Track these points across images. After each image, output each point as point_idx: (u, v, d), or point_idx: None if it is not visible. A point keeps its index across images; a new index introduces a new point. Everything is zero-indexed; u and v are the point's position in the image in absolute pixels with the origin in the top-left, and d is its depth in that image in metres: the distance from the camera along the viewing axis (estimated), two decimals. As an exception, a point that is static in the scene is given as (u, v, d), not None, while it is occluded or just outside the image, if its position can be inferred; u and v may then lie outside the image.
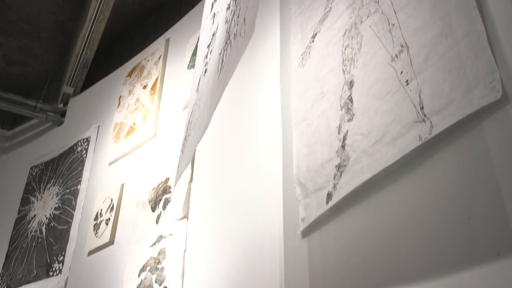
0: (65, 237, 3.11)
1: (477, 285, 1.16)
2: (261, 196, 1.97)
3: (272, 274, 1.77)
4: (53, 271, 3.03)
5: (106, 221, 2.82)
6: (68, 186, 3.37)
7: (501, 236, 1.16)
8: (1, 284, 3.37)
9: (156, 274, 2.28)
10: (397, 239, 1.39)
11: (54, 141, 3.93)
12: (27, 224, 3.54)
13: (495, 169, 1.21)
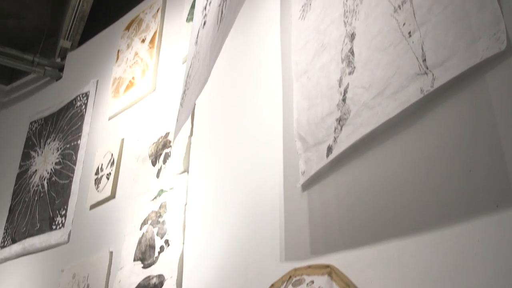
0: (66, 192, 3.13)
1: (476, 236, 1.17)
2: (262, 150, 1.98)
3: (273, 227, 1.79)
4: (56, 225, 3.07)
5: (107, 176, 2.84)
6: (68, 141, 3.38)
7: (500, 189, 1.16)
8: (6, 237, 3.42)
9: (157, 228, 2.31)
10: (397, 192, 1.40)
11: (53, 96, 3.91)
12: (28, 178, 3.56)
13: (497, 122, 1.20)
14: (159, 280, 2.16)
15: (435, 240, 1.26)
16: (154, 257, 2.25)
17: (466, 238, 1.19)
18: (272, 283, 1.66)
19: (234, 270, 1.89)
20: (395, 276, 1.33)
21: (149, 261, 2.27)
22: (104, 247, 2.62)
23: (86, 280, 2.62)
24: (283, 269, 1.67)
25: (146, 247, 2.32)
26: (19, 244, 3.24)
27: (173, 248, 2.18)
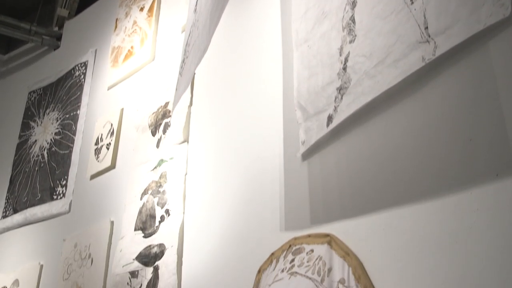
0: (67, 162, 3.14)
1: (476, 205, 1.17)
2: (262, 120, 1.97)
3: (273, 197, 1.79)
4: (56, 195, 3.08)
5: (107, 146, 2.84)
6: (67, 111, 3.36)
7: (500, 157, 1.16)
8: (7, 207, 3.44)
9: (157, 197, 2.32)
10: (397, 161, 1.40)
11: (51, 66, 3.88)
12: (28, 149, 3.56)
13: (498, 90, 1.19)
14: (160, 249, 2.18)
15: (434, 209, 1.27)
16: (155, 227, 2.27)
17: (465, 207, 1.20)
18: (272, 252, 1.67)
19: (234, 240, 1.90)
20: (394, 244, 1.34)
21: (150, 230, 2.28)
22: (105, 217, 2.64)
23: (87, 249, 2.64)
24: (283, 238, 1.68)
25: (147, 216, 2.33)
26: (21, 214, 3.27)
27: (174, 218, 2.19)
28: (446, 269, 1.20)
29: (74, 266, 2.68)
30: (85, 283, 2.55)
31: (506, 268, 1.09)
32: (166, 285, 2.08)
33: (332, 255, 1.45)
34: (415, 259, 1.28)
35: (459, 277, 1.17)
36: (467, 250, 1.17)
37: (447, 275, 1.20)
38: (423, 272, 1.25)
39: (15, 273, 3.06)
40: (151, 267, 2.19)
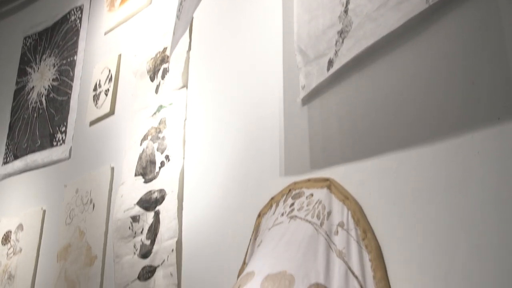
0: (65, 108, 3.12)
1: (477, 148, 1.17)
2: (261, 64, 1.94)
3: (272, 142, 1.79)
4: (56, 141, 3.09)
5: (106, 92, 2.82)
6: (64, 56, 3.32)
7: (503, 101, 1.15)
8: (8, 153, 3.45)
9: (157, 143, 2.32)
10: (398, 105, 1.39)
11: (46, 10, 3.79)
12: (26, 95, 3.53)
13: (504, 33, 1.17)
14: (161, 195, 2.20)
15: (434, 152, 1.27)
16: (155, 172, 2.28)
17: (465, 150, 1.20)
18: (272, 197, 1.69)
19: (234, 184, 1.92)
20: (394, 188, 1.35)
21: (150, 176, 2.30)
22: (105, 163, 2.65)
23: (89, 194, 2.67)
24: (282, 183, 1.69)
25: (147, 162, 2.34)
26: (21, 160, 3.28)
27: (174, 163, 2.20)
28: (445, 212, 1.22)
29: (76, 211, 2.71)
30: (87, 228, 2.60)
31: (506, 210, 1.10)
32: (167, 230, 2.11)
33: (331, 199, 1.46)
34: (414, 203, 1.29)
35: (459, 220, 1.18)
36: (467, 193, 1.18)
37: (446, 219, 1.21)
38: (423, 215, 1.27)
39: (19, 217, 3.11)
40: (152, 212, 2.22)
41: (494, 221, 1.12)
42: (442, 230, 1.21)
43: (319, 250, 1.37)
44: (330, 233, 1.40)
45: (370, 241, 1.34)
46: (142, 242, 2.22)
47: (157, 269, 2.11)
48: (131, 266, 2.23)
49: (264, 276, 1.34)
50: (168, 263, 2.06)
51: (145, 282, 2.15)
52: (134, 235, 2.27)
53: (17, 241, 3.05)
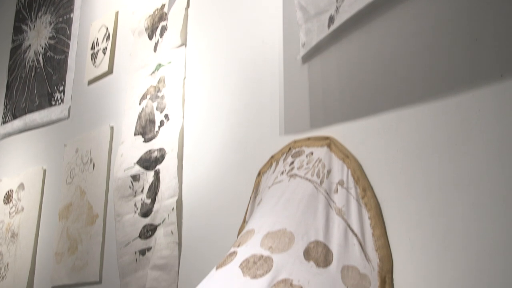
0: (63, 67, 3.09)
1: (478, 106, 1.16)
2: (261, 21, 1.91)
3: (272, 100, 1.78)
4: (55, 101, 3.07)
5: (103, 50, 2.78)
6: (60, 14, 3.26)
7: (506, 58, 1.13)
8: (6, 113, 3.44)
9: (156, 102, 2.31)
10: (399, 62, 1.37)
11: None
12: (23, 54, 3.49)
13: (508, -13, 1.14)
14: (160, 154, 2.20)
15: (435, 110, 1.26)
16: (155, 131, 2.27)
17: (466, 108, 1.19)
18: (272, 155, 1.69)
19: (234, 143, 1.91)
20: (394, 146, 1.35)
21: (150, 135, 2.29)
22: (105, 122, 2.64)
23: (89, 154, 2.67)
24: (282, 141, 1.69)
25: (146, 121, 2.33)
26: (20, 120, 3.27)
27: (173, 122, 2.19)
28: (445, 170, 1.21)
29: (77, 170, 2.72)
30: (88, 187, 2.61)
31: (507, 168, 1.10)
32: (167, 188, 2.12)
33: (331, 158, 1.46)
34: (414, 161, 1.29)
35: (459, 179, 1.18)
36: (467, 151, 1.17)
37: (446, 177, 1.21)
38: (422, 173, 1.27)
39: (20, 177, 3.12)
40: (152, 171, 2.22)
41: (494, 180, 1.12)
42: (441, 188, 1.22)
43: (318, 208, 1.37)
44: (330, 191, 1.40)
45: (369, 199, 1.34)
46: (142, 201, 2.24)
47: (157, 227, 2.13)
48: (132, 225, 2.25)
49: (264, 234, 1.35)
50: (169, 221, 2.07)
51: (146, 240, 2.17)
52: (134, 194, 2.28)
53: (18, 200, 3.08)
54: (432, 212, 1.23)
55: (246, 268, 1.26)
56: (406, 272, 1.26)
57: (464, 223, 1.16)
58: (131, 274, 2.19)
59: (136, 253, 2.20)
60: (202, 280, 1.37)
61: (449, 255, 1.18)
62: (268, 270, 1.23)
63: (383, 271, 1.26)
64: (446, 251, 1.18)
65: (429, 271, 1.21)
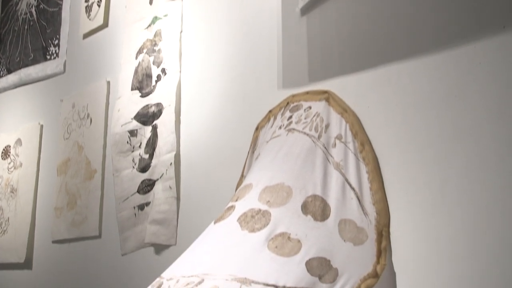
0: (57, 20, 3.03)
1: (479, 58, 1.14)
2: (258, -28, 1.86)
3: (270, 54, 1.75)
4: (50, 55, 3.03)
5: (98, 3, 2.72)
6: (53, -36, 3.18)
7: (508, 9, 1.11)
8: (1, 67, 3.40)
9: (153, 56, 2.28)
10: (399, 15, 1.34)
11: None
12: (15, 6, 3.42)
13: None
14: (158, 109, 2.19)
15: (435, 63, 1.24)
16: (152, 86, 2.25)
17: (467, 61, 1.17)
18: (270, 110, 1.68)
19: (231, 98, 1.90)
20: (393, 100, 1.33)
21: (147, 90, 2.27)
22: (101, 77, 2.61)
23: (86, 109, 2.65)
24: (280, 95, 1.67)
25: (143, 76, 2.31)
26: (15, 74, 3.23)
27: (170, 77, 2.17)
28: (444, 124, 1.21)
29: (74, 126, 2.71)
30: (85, 142, 2.61)
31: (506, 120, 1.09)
32: (165, 143, 2.12)
33: (329, 112, 1.45)
34: (413, 114, 1.28)
35: (457, 132, 1.18)
36: (466, 105, 1.16)
37: (444, 130, 1.20)
38: (421, 127, 1.26)
39: (17, 132, 3.12)
40: (150, 126, 2.21)
41: (493, 133, 1.11)
42: (439, 142, 1.21)
43: (316, 163, 1.37)
44: (328, 145, 1.40)
45: (367, 153, 1.34)
46: (140, 156, 2.24)
47: (156, 182, 2.14)
48: (130, 180, 2.26)
49: (262, 188, 1.35)
50: (167, 176, 2.08)
51: (144, 195, 2.18)
52: (132, 149, 2.28)
53: (16, 156, 3.08)
54: (430, 165, 1.23)
55: (244, 222, 1.27)
56: (403, 226, 1.26)
57: (461, 177, 1.16)
58: (130, 228, 2.22)
59: (134, 208, 2.21)
60: (201, 234, 1.38)
61: (446, 208, 1.18)
62: (266, 224, 1.24)
63: (380, 224, 1.27)
64: (443, 204, 1.19)
65: (426, 224, 1.22)
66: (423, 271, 1.21)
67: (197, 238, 1.37)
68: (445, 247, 1.17)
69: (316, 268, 1.15)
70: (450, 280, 1.15)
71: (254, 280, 1.10)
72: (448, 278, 1.16)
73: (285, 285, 1.10)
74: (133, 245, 2.19)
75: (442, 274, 1.17)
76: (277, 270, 1.14)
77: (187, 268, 1.23)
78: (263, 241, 1.20)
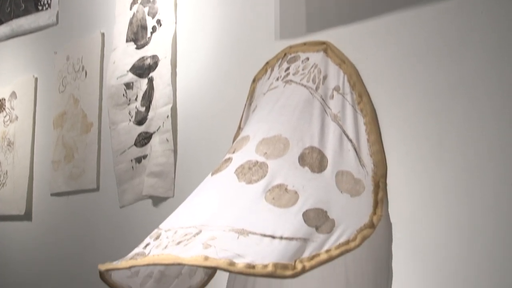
0: (48, -31, 2.95)
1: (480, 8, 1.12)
2: None
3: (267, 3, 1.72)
4: (41, 5, 2.96)
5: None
6: None
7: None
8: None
9: (148, 7, 2.23)
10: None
11: None
12: (5, -45, 3.33)
13: None
14: (154, 61, 2.16)
15: (435, 12, 1.22)
16: (147, 38, 2.22)
17: (468, 10, 1.15)
18: (267, 61, 1.65)
19: (228, 49, 1.87)
20: (392, 51, 1.32)
21: (142, 41, 2.24)
22: (95, 29, 2.57)
23: (80, 61, 2.62)
24: (278, 47, 1.65)
25: (138, 27, 2.27)
26: (7, 26, 3.17)
27: (166, 28, 2.13)
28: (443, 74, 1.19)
29: (69, 78, 2.68)
30: (81, 95, 2.58)
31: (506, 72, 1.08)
32: (161, 96, 2.10)
33: (327, 63, 1.43)
34: (412, 66, 1.27)
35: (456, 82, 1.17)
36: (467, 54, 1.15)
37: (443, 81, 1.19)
38: (419, 78, 1.25)
39: (11, 85, 3.08)
40: (146, 78, 2.19)
41: (492, 84, 1.10)
42: (439, 93, 1.20)
43: (314, 114, 1.36)
44: (326, 97, 1.39)
45: (365, 105, 1.33)
46: (137, 109, 2.22)
47: (153, 135, 2.13)
48: (127, 133, 2.25)
49: (259, 140, 1.35)
50: (164, 129, 2.07)
51: (141, 148, 2.18)
52: (128, 102, 2.27)
53: (12, 109, 3.06)
54: (428, 117, 1.22)
55: (242, 174, 1.27)
56: (400, 177, 1.27)
57: (460, 128, 1.15)
58: (128, 181, 2.23)
59: (132, 160, 2.22)
60: (198, 186, 1.38)
61: (444, 159, 1.18)
62: (263, 175, 1.25)
63: (377, 176, 1.28)
64: (441, 156, 1.19)
65: (423, 176, 1.22)
66: (419, 222, 1.22)
67: (195, 190, 1.38)
68: (441, 198, 1.18)
69: (313, 219, 1.16)
70: (446, 230, 1.17)
71: (252, 231, 1.11)
72: (444, 228, 1.17)
73: (282, 235, 1.11)
74: (131, 198, 2.21)
75: (438, 224, 1.18)
76: (274, 221, 1.15)
77: (185, 219, 1.24)
78: (260, 192, 1.21)
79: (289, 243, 1.09)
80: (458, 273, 1.14)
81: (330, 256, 1.10)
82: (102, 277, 1.29)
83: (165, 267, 1.46)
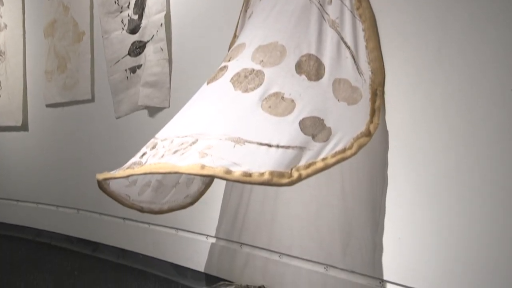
0: None
1: None
2: None
3: None
4: None
5: None
6: None
7: None
8: None
9: None
10: None
11: None
12: None
13: None
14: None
15: None
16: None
17: None
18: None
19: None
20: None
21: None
22: None
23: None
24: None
25: None
26: None
27: None
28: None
29: (57, -16, 2.58)
30: (71, 2, 2.50)
31: None
32: (154, 3, 2.03)
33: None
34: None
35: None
36: None
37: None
38: (422, -19, 1.19)
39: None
40: (137, -16, 2.11)
41: None
42: None
43: (311, 21, 1.32)
44: (324, 2, 1.33)
45: (364, 10, 1.28)
46: (129, 17, 2.15)
47: (147, 44, 2.08)
48: (120, 42, 2.20)
49: (255, 48, 1.31)
50: (158, 38, 2.02)
51: (135, 57, 2.14)
52: (121, 10, 2.19)
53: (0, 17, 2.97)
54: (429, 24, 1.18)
55: (237, 82, 1.25)
56: (398, 85, 1.25)
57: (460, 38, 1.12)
58: (123, 91, 2.20)
59: (126, 70, 2.18)
60: (194, 95, 1.37)
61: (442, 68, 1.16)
62: (259, 83, 1.22)
63: (375, 83, 1.26)
64: (440, 64, 1.16)
65: (422, 84, 1.20)
66: (416, 130, 1.22)
67: (190, 99, 1.36)
68: (440, 106, 1.17)
69: (309, 127, 1.15)
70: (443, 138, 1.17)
71: (248, 140, 1.11)
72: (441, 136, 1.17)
73: (279, 144, 1.10)
74: (127, 108, 2.20)
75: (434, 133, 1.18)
76: (270, 130, 1.14)
77: (181, 128, 1.24)
78: (257, 101, 1.19)
79: (285, 151, 1.09)
80: (454, 179, 1.15)
81: (326, 164, 1.11)
82: (100, 186, 1.30)
83: (162, 176, 1.48)
